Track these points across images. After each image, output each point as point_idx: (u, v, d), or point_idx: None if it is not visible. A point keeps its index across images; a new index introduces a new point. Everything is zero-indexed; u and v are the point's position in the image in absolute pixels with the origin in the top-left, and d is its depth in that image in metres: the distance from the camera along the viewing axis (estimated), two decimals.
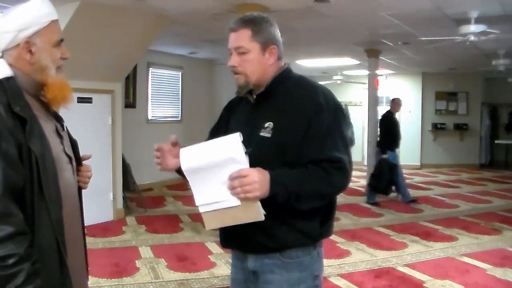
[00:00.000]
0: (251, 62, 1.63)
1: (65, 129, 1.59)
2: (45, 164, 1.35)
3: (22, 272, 1.23)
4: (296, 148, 1.55)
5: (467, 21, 5.58)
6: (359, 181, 9.29)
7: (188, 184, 1.54)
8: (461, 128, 12.34)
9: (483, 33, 5.73)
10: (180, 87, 9.52)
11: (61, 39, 1.50)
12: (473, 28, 5.55)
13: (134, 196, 7.00)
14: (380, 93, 10.16)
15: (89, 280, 1.75)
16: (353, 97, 12.88)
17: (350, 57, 9.41)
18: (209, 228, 1.58)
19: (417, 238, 5.43)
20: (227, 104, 1.89)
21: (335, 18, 5.80)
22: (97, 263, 4.32)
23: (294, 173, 1.52)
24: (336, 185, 1.57)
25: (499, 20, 5.68)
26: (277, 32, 1.69)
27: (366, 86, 9.20)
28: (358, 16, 5.79)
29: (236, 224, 1.52)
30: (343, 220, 6.32)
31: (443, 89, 12.45)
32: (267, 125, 1.59)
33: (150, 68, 8.75)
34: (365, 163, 9.37)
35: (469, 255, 4.78)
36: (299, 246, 1.61)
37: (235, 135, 1.44)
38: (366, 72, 9.18)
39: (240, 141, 1.43)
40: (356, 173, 9.95)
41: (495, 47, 7.62)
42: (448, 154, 12.41)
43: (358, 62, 9.87)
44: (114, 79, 6.12)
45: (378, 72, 9.23)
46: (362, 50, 8.37)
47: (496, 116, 12.93)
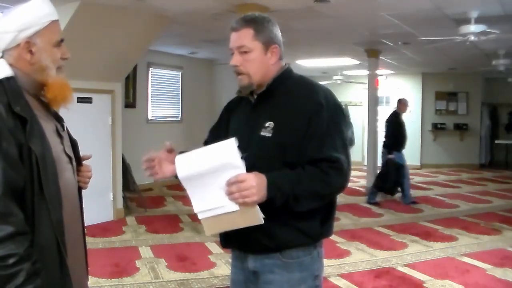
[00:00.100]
0: (253, 62, 1.63)
1: (65, 129, 1.59)
2: (46, 164, 1.35)
3: (22, 272, 1.23)
4: (296, 148, 1.55)
5: (467, 21, 5.57)
6: (359, 181, 9.29)
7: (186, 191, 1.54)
8: (461, 128, 12.34)
9: (483, 33, 5.72)
10: (180, 87, 9.51)
11: (62, 39, 1.50)
12: (473, 28, 5.55)
13: (134, 196, 7.00)
14: (380, 93, 10.16)
15: (89, 280, 1.75)
16: (353, 97, 12.88)
17: (350, 57, 9.41)
18: (209, 234, 1.59)
19: (417, 238, 5.43)
20: (227, 104, 1.89)
21: (335, 18, 5.80)
22: (97, 263, 4.32)
23: (291, 175, 1.51)
24: (334, 185, 1.56)
25: (499, 20, 5.68)
26: (279, 32, 1.69)
27: (366, 86, 9.20)
28: (358, 16, 5.79)
29: None
30: (343, 220, 6.32)
31: (443, 89, 12.45)
32: (268, 125, 1.59)
33: (150, 68, 8.75)
34: (365, 163, 9.37)
35: (469, 255, 4.78)
36: (300, 246, 1.61)
37: (231, 140, 1.43)
38: (366, 72, 9.18)
39: (236, 146, 1.42)
40: (356, 173, 9.96)
41: (495, 47, 7.61)
42: (448, 154, 12.42)
43: (358, 62, 9.86)
44: (114, 79, 6.12)
45: (378, 72, 9.22)
46: (362, 50, 8.37)
47: (496, 116, 12.93)
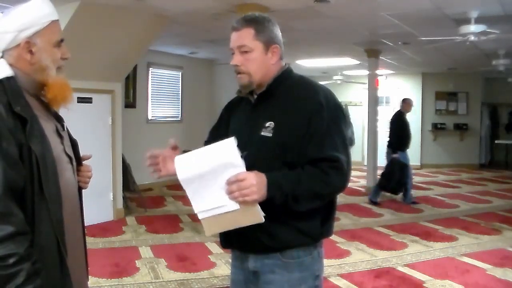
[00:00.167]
0: (254, 61, 1.63)
1: (66, 129, 1.59)
2: (46, 164, 1.35)
3: (22, 272, 1.23)
4: (297, 148, 1.55)
5: (467, 21, 5.58)
6: (359, 181, 9.29)
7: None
8: (461, 128, 12.34)
9: (483, 33, 5.72)
10: (180, 87, 9.51)
11: (62, 39, 1.50)
12: (473, 28, 5.55)
13: (134, 196, 7.00)
14: (380, 93, 10.16)
15: (89, 280, 1.75)
16: (353, 97, 12.88)
17: (350, 57, 9.41)
18: (210, 234, 1.58)
19: (417, 238, 5.43)
20: (227, 104, 1.89)
21: (335, 18, 5.80)
22: (97, 263, 4.32)
23: (291, 175, 1.51)
24: (334, 185, 1.56)
25: (499, 20, 5.68)
26: (279, 32, 1.69)
27: (366, 86, 9.20)
28: (358, 16, 5.79)
29: None
30: (343, 220, 6.32)
31: (443, 89, 12.45)
32: (268, 125, 1.59)
33: (150, 68, 8.75)
34: (365, 163, 9.37)
35: (469, 255, 4.78)
36: (300, 246, 1.61)
37: (230, 140, 1.43)
38: (366, 72, 9.18)
39: (236, 145, 1.42)
40: (356, 173, 9.95)
41: (495, 47, 7.61)
42: (448, 154, 12.42)
43: (358, 62, 9.86)
44: (114, 79, 6.12)
45: (378, 72, 9.23)
46: (362, 50, 8.37)
47: (496, 116, 12.93)
